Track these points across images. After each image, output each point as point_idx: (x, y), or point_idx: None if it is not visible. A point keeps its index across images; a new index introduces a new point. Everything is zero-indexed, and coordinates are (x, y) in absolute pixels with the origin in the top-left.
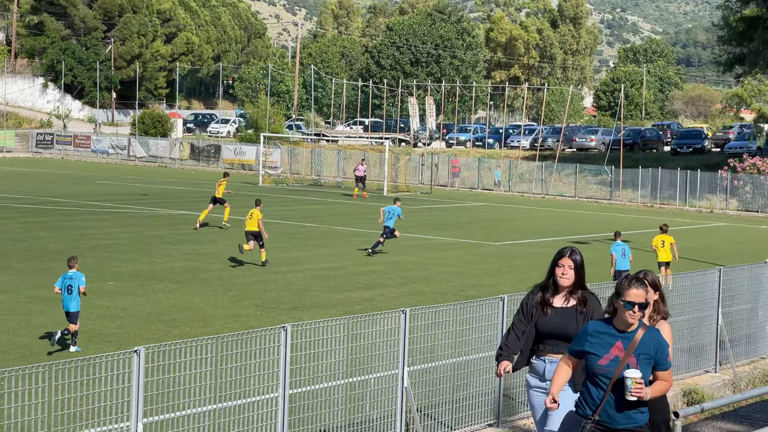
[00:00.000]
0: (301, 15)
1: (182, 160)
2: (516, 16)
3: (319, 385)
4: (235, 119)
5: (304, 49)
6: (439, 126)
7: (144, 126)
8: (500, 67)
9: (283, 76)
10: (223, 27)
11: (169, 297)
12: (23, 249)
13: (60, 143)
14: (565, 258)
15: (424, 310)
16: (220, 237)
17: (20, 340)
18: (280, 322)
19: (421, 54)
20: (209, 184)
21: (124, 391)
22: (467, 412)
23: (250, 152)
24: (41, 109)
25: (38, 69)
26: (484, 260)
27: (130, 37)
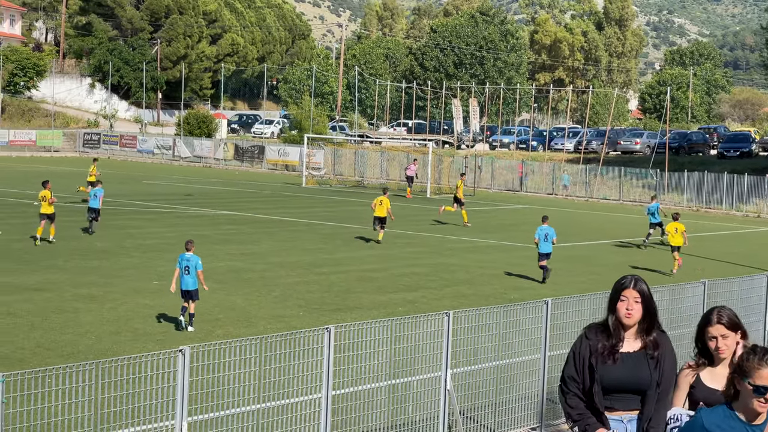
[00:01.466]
0: (346, 16)
1: (226, 160)
2: (561, 18)
3: (362, 386)
4: (279, 120)
5: (349, 50)
6: (482, 128)
7: (189, 126)
8: (544, 69)
9: (327, 77)
10: (268, 28)
11: (212, 297)
12: (69, 248)
13: (106, 143)
14: (628, 290)
15: (467, 313)
16: (264, 237)
17: (66, 338)
18: (323, 323)
19: (465, 56)
20: (253, 185)
21: (169, 390)
22: (510, 416)
23: (293, 153)
24: (88, 109)
25: (86, 69)
26: (527, 263)
27: (176, 38)
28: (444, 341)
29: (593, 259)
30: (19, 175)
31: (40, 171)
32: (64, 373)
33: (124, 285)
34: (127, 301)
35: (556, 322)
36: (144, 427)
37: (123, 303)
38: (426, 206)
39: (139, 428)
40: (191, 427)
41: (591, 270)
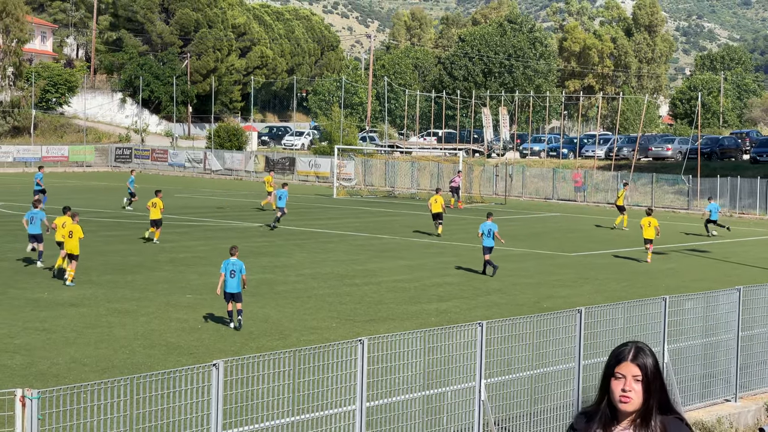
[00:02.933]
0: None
1: (257, 172)
2: (589, 25)
3: (396, 398)
4: (309, 131)
5: (377, 60)
6: (512, 136)
7: (219, 139)
8: (574, 76)
9: (356, 88)
10: (296, 40)
11: (245, 309)
12: (103, 263)
13: (138, 157)
14: (626, 364)
15: (500, 323)
16: (296, 249)
17: (101, 353)
18: (355, 335)
19: (494, 64)
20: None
21: (204, 404)
22: (546, 426)
23: (324, 164)
24: (120, 123)
25: (117, 84)
26: (559, 271)
27: (205, 52)
28: (477, 351)
29: (625, 266)
30: (53, 190)
31: (73, 186)
32: (99, 388)
33: (157, 299)
34: (160, 315)
35: (590, 330)
36: None
37: (156, 317)
38: (457, 216)
39: None
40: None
41: (623, 278)
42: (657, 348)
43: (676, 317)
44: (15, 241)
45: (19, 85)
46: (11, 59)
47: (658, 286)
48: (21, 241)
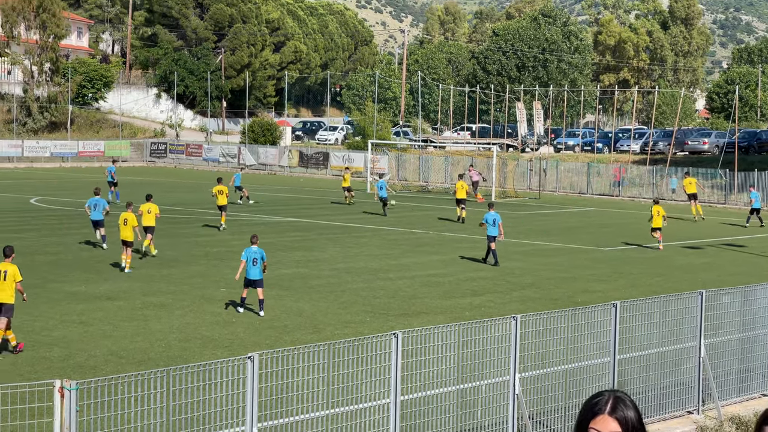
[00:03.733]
0: (408, 22)
1: (291, 167)
2: (625, 18)
3: (430, 391)
4: (343, 126)
5: (411, 55)
6: (547, 131)
7: (253, 134)
8: (609, 70)
9: (389, 82)
10: (330, 35)
11: (279, 303)
12: (138, 257)
13: (173, 152)
14: (602, 417)
15: (535, 317)
16: (329, 244)
17: (137, 346)
18: (389, 329)
19: (528, 58)
20: (318, 191)
21: (239, 396)
22: None
23: (358, 159)
24: (155, 118)
25: (152, 80)
26: (593, 266)
27: (239, 47)
28: (512, 345)
29: (661, 261)
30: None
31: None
32: (136, 380)
33: (192, 293)
34: (195, 309)
35: (626, 325)
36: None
37: (191, 311)
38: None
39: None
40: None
41: (659, 272)
42: (693, 342)
43: (713, 311)
44: (52, 236)
45: (56, 81)
46: (48, 55)
47: (694, 280)
48: (57, 235)
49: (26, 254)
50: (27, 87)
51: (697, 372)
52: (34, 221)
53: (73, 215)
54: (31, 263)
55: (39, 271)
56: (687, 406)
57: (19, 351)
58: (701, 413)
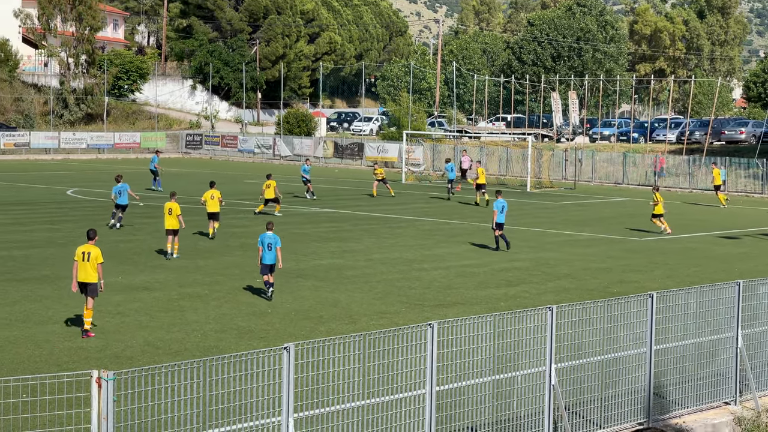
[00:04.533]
0: (442, 12)
1: (326, 158)
2: (661, 7)
3: (465, 382)
4: (378, 117)
5: (446, 45)
6: (582, 121)
7: (288, 125)
8: (645, 59)
9: (424, 73)
10: (365, 26)
11: (315, 294)
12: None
13: (208, 143)
14: None
15: (570, 307)
16: (364, 235)
17: (174, 336)
18: (424, 319)
19: (563, 48)
20: (353, 182)
21: (275, 387)
22: (617, 410)
23: (392, 150)
24: (190, 110)
25: (187, 71)
26: (629, 256)
27: (274, 38)
28: (548, 336)
29: (697, 251)
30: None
31: (146, 172)
32: (172, 370)
33: (227, 283)
34: (231, 300)
35: (662, 315)
36: (251, 423)
37: (227, 301)
38: (526, 200)
39: (246, 425)
40: (297, 423)
41: (695, 262)
42: (731, 333)
43: (750, 302)
44: (88, 226)
45: (92, 73)
46: (84, 47)
47: (731, 270)
48: (94, 226)
49: (63, 246)
50: (63, 79)
51: (735, 363)
52: (71, 213)
53: (110, 206)
54: (68, 255)
55: None
56: (724, 397)
57: (88, 337)
58: (738, 404)
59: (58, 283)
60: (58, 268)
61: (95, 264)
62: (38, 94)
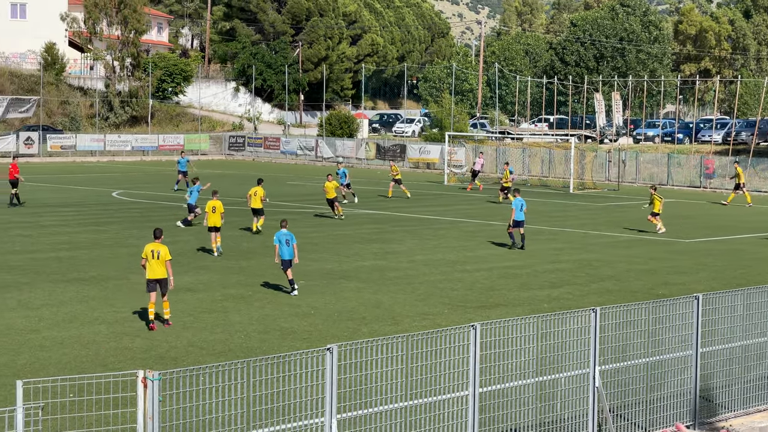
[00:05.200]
0: (485, 13)
1: (368, 160)
2: (706, 7)
3: (508, 383)
4: (420, 118)
5: (488, 47)
6: (626, 121)
7: (331, 127)
8: (689, 60)
9: (466, 74)
10: (407, 27)
11: (357, 295)
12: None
13: (251, 145)
14: None
15: (615, 309)
16: (407, 236)
17: (217, 337)
18: (467, 321)
19: (606, 49)
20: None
21: (318, 387)
22: (662, 413)
23: (434, 151)
24: (233, 112)
25: (230, 74)
26: (674, 258)
27: (317, 40)
28: (591, 338)
29: (743, 253)
30: (170, 178)
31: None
32: (216, 371)
33: (270, 284)
34: (273, 301)
35: (708, 318)
36: (295, 424)
37: (270, 302)
38: (569, 202)
39: (289, 425)
40: (341, 424)
41: (741, 264)
42: None
43: None
44: (133, 228)
45: (137, 76)
46: (129, 50)
47: None
48: (138, 228)
49: (109, 247)
50: (109, 82)
51: None
52: (116, 214)
53: (154, 208)
54: (113, 256)
55: (121, 263)
56: None
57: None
58: None
59: (105, 284)
60: (105, 270)
61: (164, 261)
62: (84, 97)
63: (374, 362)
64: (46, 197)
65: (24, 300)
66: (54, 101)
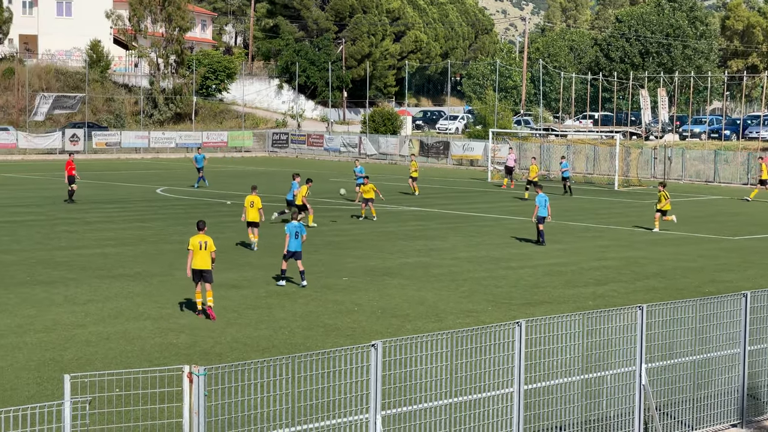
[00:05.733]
0: (529, 9)
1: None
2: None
3: (554, 381)
4: (464, 115)
5: (532, 43)
6: (671, 118)
7: (374, 124)
8: (737, 55)
9: (510, 71)
10: (450, 24)
11: (401, 292)
12: (261, 245)
13: (294, 142)
14: None
15: (661, 306)
16: (451, 233)
17: (261, 333)
18: (511, 318)
19: (652, 45)
20: (439, 181)
21: (362, 384)
22: (709, 412)
23: (478, 148)
24: (276, 109)
25: (273, 71)
26: (722, 255)
27: (360, 37)
28: (638, 335)
29: None
30: (213, 175)
31: (233, 171)
32: (261, 366)
33: (314, 281)
34: (317, 297)
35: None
36: (338, 420)
37: (314, 299)
38: (614, 199)
39: (333, 422)
40: (385, 420)
41: None
42: None
43: None
44: (177, 225)
45: (181, 73)
46: (173, 47)
47: None
48: (183, 224)
49: (154, 243)
50: (153, 79)
51: None
52: (160, 211)
53: (198, 205)
54: (158, 252)
55: (165, 260)
56: None
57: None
58: None
59: (149, 281)
60: (149, 266)
61: (209, 252)
62: (129, 94)
63: (418, 359)
64: (91, 194)
65: (70, 295)
66: (99, 98)
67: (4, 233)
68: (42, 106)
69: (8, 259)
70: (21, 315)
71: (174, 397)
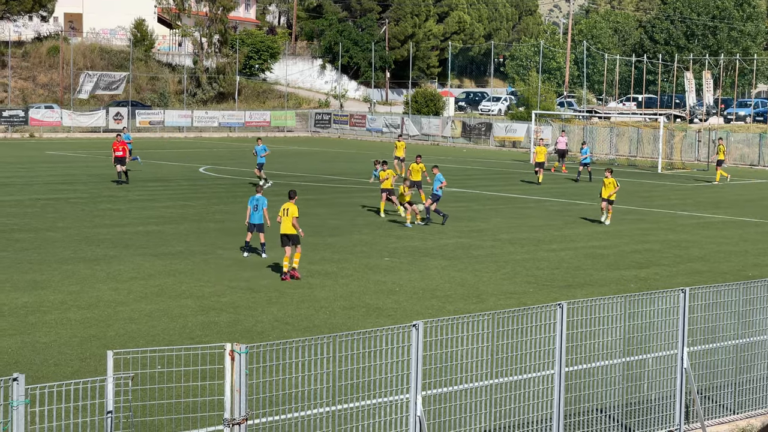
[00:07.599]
0: None
1: (454, 138)
2: None
3: (595, 363)
4: (506, 97)
5: (576, 25)
6: (716, 101)
7: (417, 105)
8: None
9: (554, 53)
10: (494, 5)
11: (442, 273)
12: (303, 225)
13: (337, 122)
14: None
15: (704, 290)
16: (492, 214)
17: (303, 313)
18: (553, 300)
19: (697, 26)
20: (480, 162)
21: (403, 364)
22: (752, 396)
23: (520, 130)
24: (319, 89)
25: (317, 51)
26: (765, 239)
27: (403, 18)
28: (680, 319)
29: None
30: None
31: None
32: (302, 345)
33: (356, 261)
34: (359, 278)
35: None
36: (379, 400)
37: (355, 279)
38: (657, 182)
39: (374, 401)
40: (425, 400)
41: None
42: None
43: None
44: (219, 203)
45: (224, 52)
46: (217, 27)
47: None
48: (224, 203)
49: (195, 221)
50: (197, 58)
51: None
52: (202, 189)
53: (240, 184)
54: (200, 230)
55: (207, 238)
56: None
57: (296, 278)
58: None
59: (192, 259)
60: (192, 244)
61: (292, 218)
62: (172, 73)
63: (459, 339)
64: (134, 173)
65: (113, 273)
66: (143, 77)
67: (50, 210)
68: (86, 84)
69: (53, 236)
70: (65, 291)
71: (216, 375)
